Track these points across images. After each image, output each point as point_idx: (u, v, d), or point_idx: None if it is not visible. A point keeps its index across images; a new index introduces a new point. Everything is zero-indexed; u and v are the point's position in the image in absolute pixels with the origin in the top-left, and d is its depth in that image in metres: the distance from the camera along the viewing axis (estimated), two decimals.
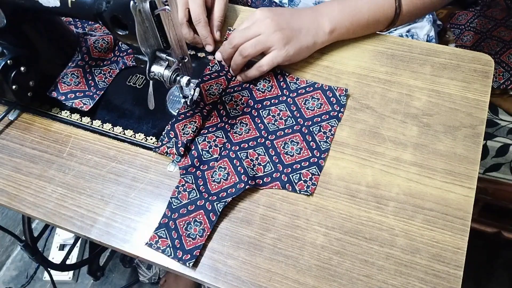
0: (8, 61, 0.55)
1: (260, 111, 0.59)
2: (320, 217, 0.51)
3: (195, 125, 0.57)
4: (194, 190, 0.53)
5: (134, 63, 0.66)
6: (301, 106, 0.59)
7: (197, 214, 0.51)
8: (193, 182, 0.53)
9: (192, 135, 0.56)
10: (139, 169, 0.56)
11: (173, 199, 0.52)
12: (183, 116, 0.58)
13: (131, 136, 0.59)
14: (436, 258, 0.47)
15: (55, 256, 1.29)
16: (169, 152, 0.55)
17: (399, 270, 0.47)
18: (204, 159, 0.55)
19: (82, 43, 0.65)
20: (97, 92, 0.63)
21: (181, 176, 0.54)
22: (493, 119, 0.95)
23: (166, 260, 0.49)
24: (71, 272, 1.32)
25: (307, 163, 0.54)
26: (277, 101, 0.60)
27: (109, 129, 0.60)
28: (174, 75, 0.51)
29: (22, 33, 0.58)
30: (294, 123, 0.58)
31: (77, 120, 0.61)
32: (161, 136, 0.57)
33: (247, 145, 0.56)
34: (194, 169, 0.54)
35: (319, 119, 0.58)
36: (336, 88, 0.60)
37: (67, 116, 0.62)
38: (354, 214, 0.51)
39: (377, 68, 0.63)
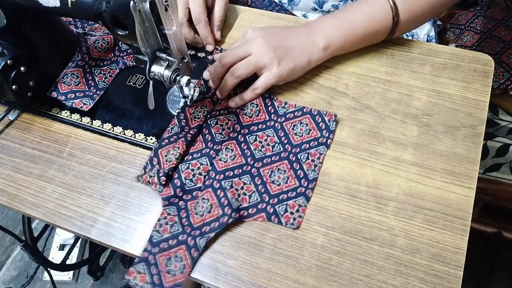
0: (8, 61, 0.55)
1: (247, 136, 0.57)
2: (320, 217, 0.51)
3: (178, 151, 0.54)
4: (176, 224, 0.50)
5: (134, 63, 0.66)
6: (289, 131, 0.57)
7: (178, 249, 0.49)
8: (176, 214, 0.51)
9: (175, 162, 0.54)
10: (139, 169, 0.56)
11: (154, 232, 0.50)
12: (167, 141, 0.56)
13: (131, 136, 0.59)
14: (436, 258, 0.47)
15: (55, 256, 1.29)
16: (151, 182, 0.53)
17: (399, 270, 0.47)
18: (187, 188, 0.52)
19: (82, 43, 0.65)
20: (97, 92, 0.63)
21: (164, 208, 0.51)
22: (493, 119, 0.95)
23: None
24: (71, 272, 1.32)
25: (294, 193, 0.52)
26: (264, 126, 0.58)
27: (109, 129, 0.60)
28: (174, 75, 0.51)
29: (22, 33, 0.58)
30: (282, 149, 0.55)
31: (77, 120, 0.61)
32: (145, 163, 0.55)
33: (232, 173, 0.53)
34: (177, 200, 0.52)
35: (307, 145, 0.55)
36: (325, 113, 0.57)
37: (67, 116, 0.62)
38: (354, 214, 0.51)
39: (377, 68, 0.63)
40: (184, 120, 0.58)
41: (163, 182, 0.53)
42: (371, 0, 0.59)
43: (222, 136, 0.57)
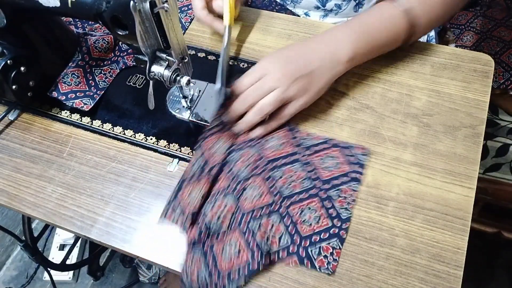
0: (8, 61, 0.55)
1: (273, 172, 0.53)
2: None
3: (201, 192, 0.51)
4: (202, 271, 0.47)
5: (135, 63, 0.66)
6: (317, 166, 0.53)
7: None
8: (201, 259, 0.48)
9: (198, 204, 0.50)
10: (139, 169, 0.56)
11: (185, 279, 0.47)
12: (187, 182, 0.53)
13: (131, 136, 0.59)
14: (436, 258, 0.47)
15: (55, 256, 1.29)
16: (176, 223, 0.50)
17: (399, 270, 0.47)
18: (212, 231, 0.49)
19: (82, 43, 0.65)
20: (98, 92, 0.63)
21: (187, 253, 0.48)
22: (493, 119, 0.95)
23: (166, 260, 0.49)
24: (71, 272, 1.32)
25: (327, 234, 0.49)
26: (290, 160, 0.54)
27: (109, 129, 0.60)
28: (174, 75, 0.51)
29: (22, 33, 0.58)
30: (311, 185, 0.52)
31: (77, 120, 0.61)
32: (164, 208, 0.52)
33: (259, 213, 0.50)
34: (201, 244, 0.49)
35: (338, 181, 0.52)
36: (354, 146, 0.55)
37: (67, 116, 0.62)
38: (354, 214, 0.51)
39: (377, 68, 0.63)
40: (204, 157, 0.54)
41: (188, 226, 0.50)
42: (389, 10, 0.57)
43: (246, 173, 0.53)
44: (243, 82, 0.55)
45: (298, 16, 0.80)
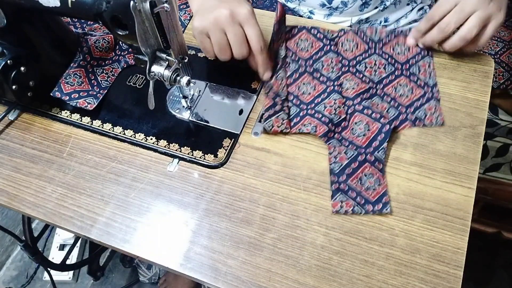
0: (8, 61, 0.55)
1: (357, 66, 0.61)
2: (320, 217, 0.51)
3: (310, 87, 0.60)
4: (348, 150, 0.54)
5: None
6: (391, 53, 0.62)
7: (364, 168, 0.52)
8: (340, 145, 0.55)
9: (287, 107, 0.58)
10: (139, 169, 0.56)
11: (332, 164, 0.53)
12: (269, 91, 0.58)
13: (131, 136, 0.59)
14: (436, 258, 0.47)
15: (55, 256, 1.29)
16: (277, 126, 0.56)
17: (399, 270, 0.47)
18: (335, 121, 0.56)
19: (83, 43, 0.65)
20: (101, 91, 0.63)
21: (327, 143, 0.55)
22: (493, 119, 0.95)
23: (166, 260, 0.49)
24: (71, 272, 1.32)
25: (424, 99, 0.57)
26: (367, 54, 0.62)
27: (109, 129, 0.60)
28: (174, 75, 0.51)
29: (22, 33, 0.58)
30: (394, 68, 0.61)
31: (77, 120, 0.61)
32: (261, 114, 0.58)
33: (364, 97, 0.58)
34: (333, 134, 0.56)
35: (414, 60, 0.61)
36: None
37: (67, 116, 0.62)
38: (354, 214, 0.51)
39: None
40: (292, 54, 0.64)
41: (287, 125, 0.56)
42: None
43: (336, 73, 0.61)
44: (440, 9, 0.58)
45: (301, 16, 0.80)
